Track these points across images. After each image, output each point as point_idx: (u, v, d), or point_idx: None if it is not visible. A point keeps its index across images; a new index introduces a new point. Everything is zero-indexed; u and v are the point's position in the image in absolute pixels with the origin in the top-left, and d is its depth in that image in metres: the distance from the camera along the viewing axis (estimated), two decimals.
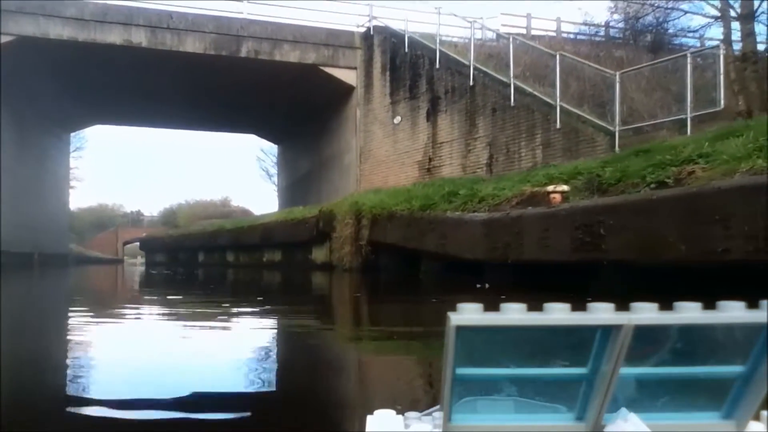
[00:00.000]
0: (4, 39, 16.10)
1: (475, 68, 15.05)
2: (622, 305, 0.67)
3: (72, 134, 31.59)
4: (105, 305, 6.70)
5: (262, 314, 5.35)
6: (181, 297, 7.53)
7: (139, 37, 17.47)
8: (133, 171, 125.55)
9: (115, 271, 20.64)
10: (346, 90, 19.66)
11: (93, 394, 2.16)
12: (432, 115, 16.52)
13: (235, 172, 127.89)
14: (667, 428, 0.75)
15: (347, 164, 20.10)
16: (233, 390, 2.27)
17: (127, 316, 5.36)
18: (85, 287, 10.48)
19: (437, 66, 16.29)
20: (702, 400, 0.78)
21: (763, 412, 0.79)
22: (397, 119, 17.83)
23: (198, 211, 59.40)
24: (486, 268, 8.48)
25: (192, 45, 17.97)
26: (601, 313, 0.67)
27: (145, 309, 6.14)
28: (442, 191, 11.09)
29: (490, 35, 17.90)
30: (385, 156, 18.25)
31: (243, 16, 18.83)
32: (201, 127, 31.85)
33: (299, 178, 26.43)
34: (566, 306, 0.66)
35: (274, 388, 2.37)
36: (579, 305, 0.68)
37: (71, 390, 2.25)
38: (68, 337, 3.78)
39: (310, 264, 14.62)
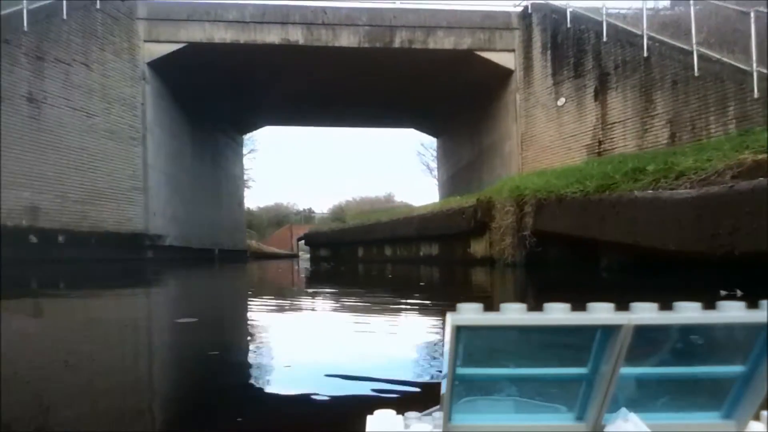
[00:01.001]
0: (176, 47, 17.21)
1: (649, 38, 13.27)
2: (623, 305, 0.66)
3: (245, 136, 33.70)
4: (277, 296, 6.85)
5: (422, 311, 4.77)
6: (344, 290, 7.42)
7: (296, 35, 17.82)
8: (304, 170, 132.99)
9: (287, 265, 21.38)
10: (504, 74, 18.58)
11: (277, 386, 2.10)
12: (600, 93, 14.96)
13: (398, 168, 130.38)
14: (667, 428, 0.74)
15: (508, 152, 19.01)
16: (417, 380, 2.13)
17: (301, 308, 5.42)
18: (258, 280, 10.71)
19: (604, 39, 14.70)
20: (702, 400, 0.77)
21: (763, 412, 0.77)
22: (561, 101, 16.43)
23: (364, 207, 61.56)
24: (688, 261, 6.35)
25: (347, 39, 17.98)
26: (600, 313, 0.66)
27: (311, 301, 6.13)
28: (624, 167, 8.92)
29: (663, 4, 15.86)
30: (549, 141, 16.91)
31: (395, 6, 18.47)
32: (362, 123, 32.29)
33: (459, 169, 25.76)
34: (566, 306, 0.66)
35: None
36: (579, 305, 0.67)
37: (257, 381, 2.20)
38: (249, 329, 3.88)
39: (469, 258, 13.66)
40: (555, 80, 16.76)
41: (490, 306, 0.66)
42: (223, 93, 22.10)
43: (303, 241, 67.56)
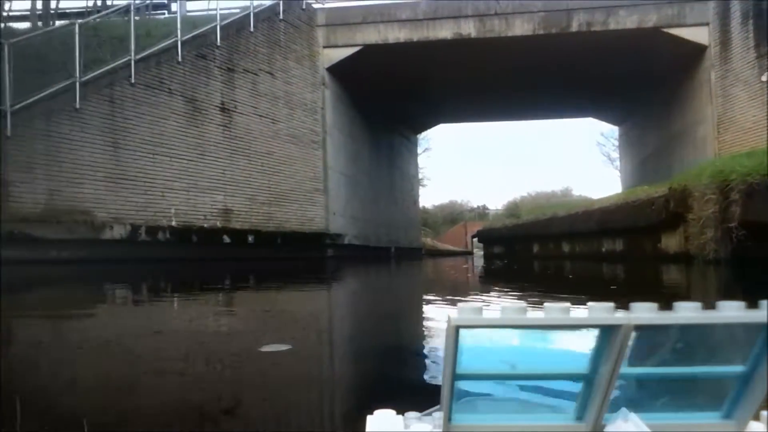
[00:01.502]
0: (352, 50, 17.63)
1: None
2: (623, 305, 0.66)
3: (420, 135, 33.98)
4: (452, 292, 6.77)
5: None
6: (522, 290, 7.02)
7: (468, 28, 17.38)
8: (478, 166, 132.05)
9: (461, 262, 21.15)
10: (696, 51, 16.52)
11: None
12: None
13: (575, 160, 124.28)
14: (667, 428, 0.74)
15: (701, 137, 16.95)
16: None
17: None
18: (433, 277, 10.67)
19: None
20: (702, 400, 0.78)
21: (763, 412, 0.77)
22: (765, 76, 14.18)
23: (540, 202, 60.22)
24: None
25: (520, 27, 17.16)
26: (600, 312, 0.67)
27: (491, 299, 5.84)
28: None
29: None
30: (752, 123, 14.69)
31: None
32: (536, 115, 31.05)
33: (644, 158, 23.72)
34: (566, 306, 0.66)
35: None
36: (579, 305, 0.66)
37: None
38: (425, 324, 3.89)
39: (660, 254, 12.16)
40: (758, 52, 14.57)
41: None
42: (398, 93, 22.32)
43: (476, 239, 68.47)
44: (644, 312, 0.66)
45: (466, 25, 17.41)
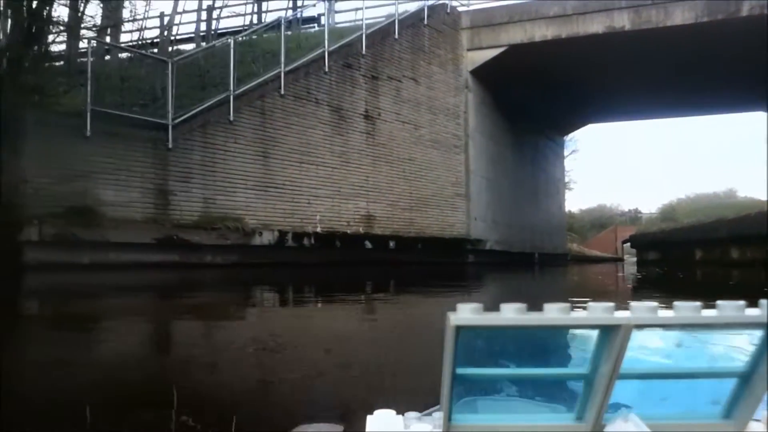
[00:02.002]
0: (496, 52, 17.15)
1: None
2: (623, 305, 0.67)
3: (566, 137, 32.45)
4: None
5: None
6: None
7: (622, 21, 16.21)
8: (628, 168, 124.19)
9: (610, 269, 19.91)
10: None
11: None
12: None
13: (739, 159, 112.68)
14: (667, 428, 0.75)
15: None
16: None
17: None
18: (577, 285, 10.06)
19: None
20: (702, 400, 0.78)
21: (763, 412, 0.78)
22: None
23: (700, 205, 56.35)
24: None
25: (680, 16, 15.70)
26: (600, 312, 0.67)
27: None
28: None
29: None
30: None
31: None
32: (696, 110, 28.39)
33: None
34: (566, 306, 0.66)
35: None
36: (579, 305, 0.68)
37: None
38: None
39: None
40: None
41: None
42: (543, 94, 21.39)
43: (628, 244, 64.57)
44: (644, 312, 0.66)
45: (619, 17, 16.26)
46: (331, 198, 13.41)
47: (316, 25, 19.73)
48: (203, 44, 18.55)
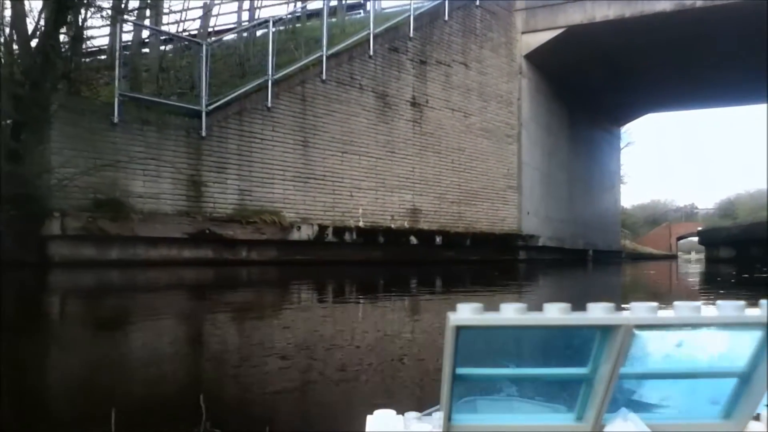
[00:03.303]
0: (553, 34, 15.99)
1: None
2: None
3: (622, 129, 30.78)
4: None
5: None
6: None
7: None
8: (685, 161, 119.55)
9: (667, 267, 18.60)
10: None
11: None
12: None
13: None
14: (667, 428, 0.75)
15: None
16: None
17: None
18: (633, 284, 9.31)
19: None
20: (702, 400, 0.78)
21: (763, 412, 0.79)
22: None
23: (761, 201, 54.45)
24: None
25: None
26: (600, 312, 0.67)
27: None
28: None
29: None
30: None
31: None
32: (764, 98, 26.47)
33: None
34: (566, 306, 0.66)
35: None
36: (579, 305, 0.68)
37: None
38: None
39: None
40: None
41: None
42: (602, 81, 20.11)
43: (683, 241, 62.55)
44: (644, 312, 0.66)
45: None
46: (375, 190, 12.60)
47: (361, 11, 18.92)
48: (245, 35, 18.03)
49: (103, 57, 12.60)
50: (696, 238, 65.73)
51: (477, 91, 15.29)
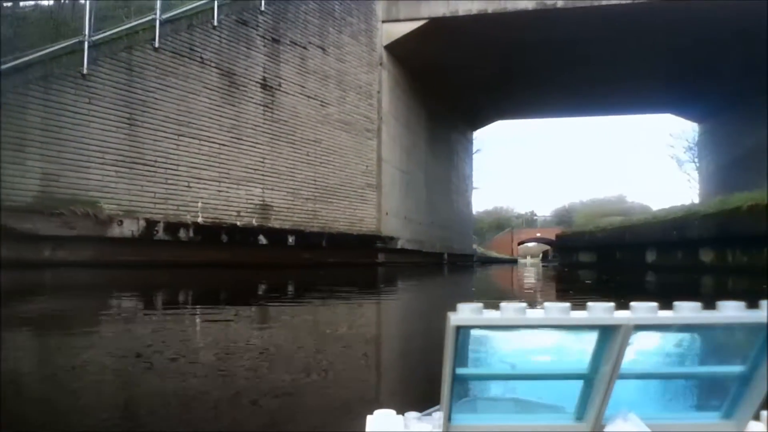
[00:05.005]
0: (416, 25, 15.28)
1: None
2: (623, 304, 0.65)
3: (474, 134, 31.26)
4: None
5: None
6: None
7: None
8: (524, 172, 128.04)
9: (516, 271, 18.72)
10: None
11: None
12: None
13: (631, 165, 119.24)
14: (667, 428, 0.74)
15: None
16: None
17: None
18: (502, 290, 8.60)
19: None
20: (702, 400, 0.77)
21: (763, 412, 0.76)
22: None
23: (593, 209, 60.20)
24: None
25: None
26: (600, 312, 0.65)
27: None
28: None
29: None
30: None
31: None
32: (611, 110, 28.38)
33: (735, 160, 20.97)
34: (566, 305, 0.65)
35: None
36: (579, 305, 0.66)
37: None
38: None
39: None
40: None
41: None
42: (461, 80, 19.85)
43: (522, 246, 66.90)
44: (644, 312, 0.65)
45: None
46: (218, 182, 10.91)
47: None
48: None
49: None
50: (533, 244, 71.00)
51: (335, 79, 14.11)
